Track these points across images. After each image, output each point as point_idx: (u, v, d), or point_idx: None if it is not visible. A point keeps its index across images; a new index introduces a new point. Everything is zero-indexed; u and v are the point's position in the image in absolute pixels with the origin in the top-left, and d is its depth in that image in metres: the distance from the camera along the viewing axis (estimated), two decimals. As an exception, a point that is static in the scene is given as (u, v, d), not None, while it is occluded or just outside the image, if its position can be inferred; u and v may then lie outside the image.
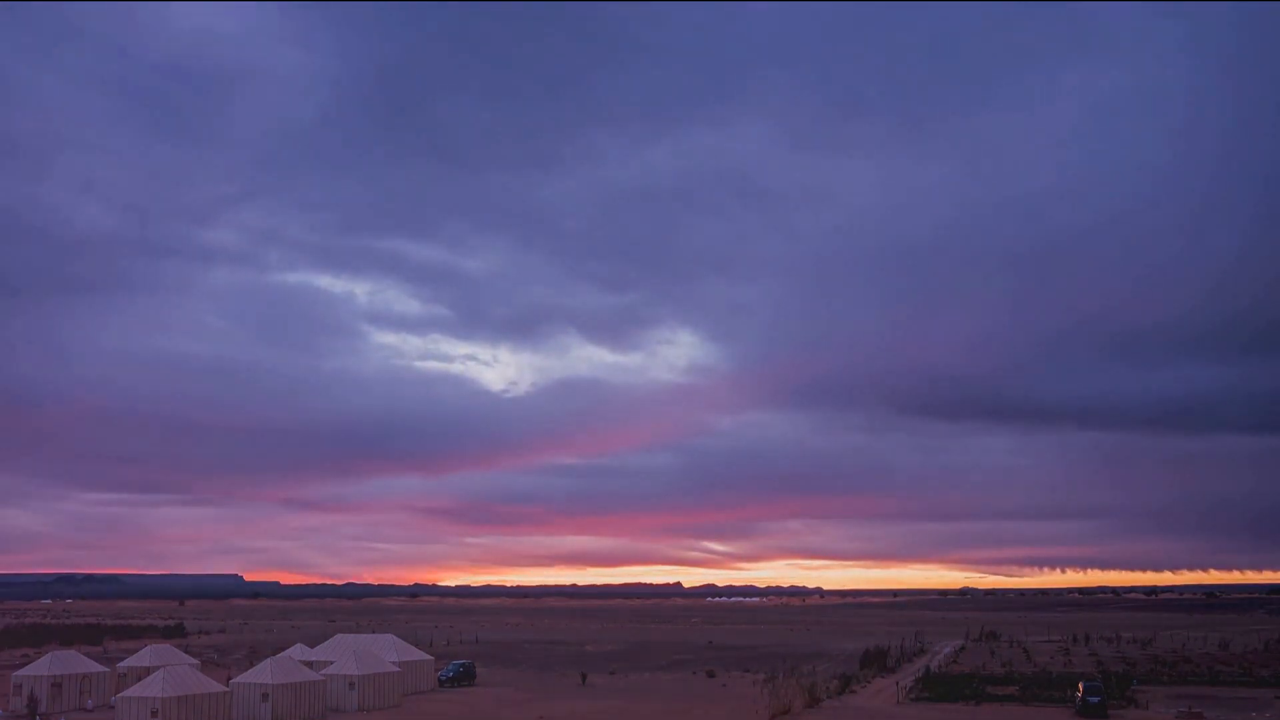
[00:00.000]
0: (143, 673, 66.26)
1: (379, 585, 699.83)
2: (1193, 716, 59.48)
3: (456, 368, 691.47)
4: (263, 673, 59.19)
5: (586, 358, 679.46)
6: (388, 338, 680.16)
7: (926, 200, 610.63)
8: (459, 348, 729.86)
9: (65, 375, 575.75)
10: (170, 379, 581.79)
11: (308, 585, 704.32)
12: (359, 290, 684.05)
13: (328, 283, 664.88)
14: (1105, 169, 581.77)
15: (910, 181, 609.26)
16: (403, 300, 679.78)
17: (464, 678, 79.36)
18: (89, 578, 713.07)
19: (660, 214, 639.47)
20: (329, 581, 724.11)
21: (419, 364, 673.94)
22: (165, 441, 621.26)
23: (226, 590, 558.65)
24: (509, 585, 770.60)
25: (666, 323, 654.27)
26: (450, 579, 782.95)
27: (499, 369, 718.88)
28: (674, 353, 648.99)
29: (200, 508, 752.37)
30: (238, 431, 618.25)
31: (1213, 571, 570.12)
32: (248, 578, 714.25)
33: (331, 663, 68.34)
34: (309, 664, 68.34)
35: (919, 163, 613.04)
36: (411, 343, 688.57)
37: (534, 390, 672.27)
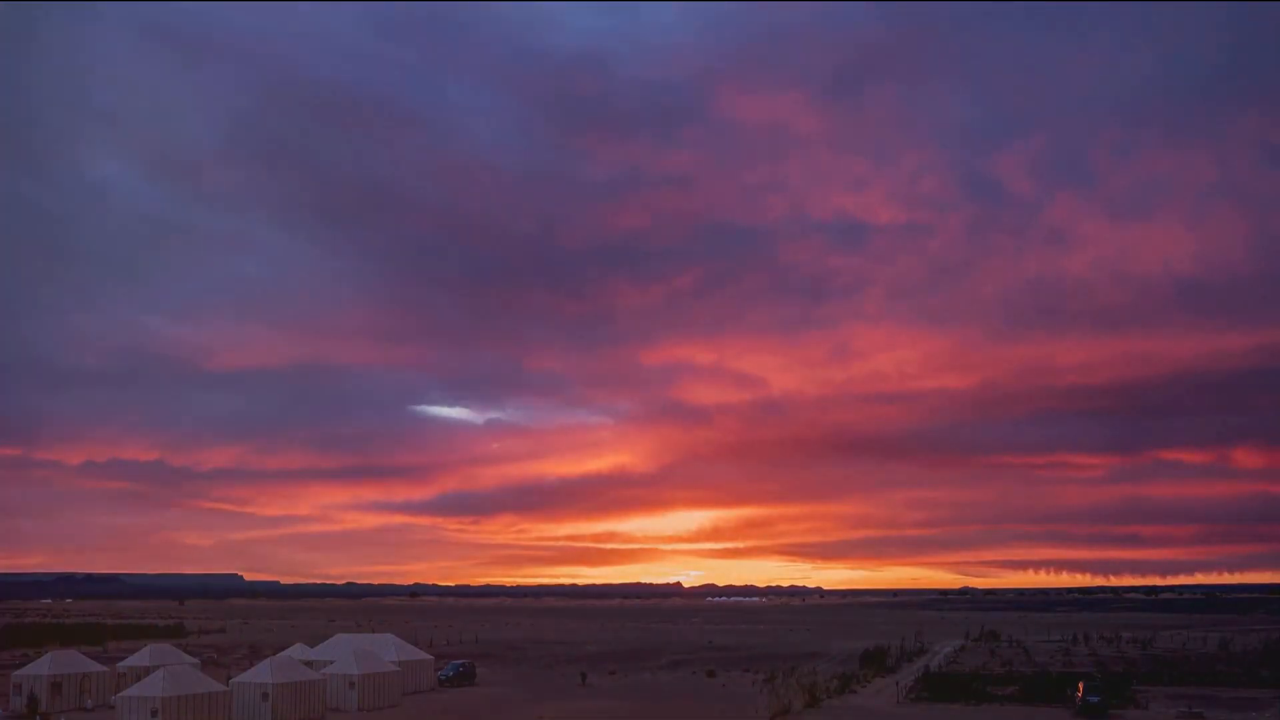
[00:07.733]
0: (143, 672, 66.15)
1: (379, 585, 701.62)
2: (1193, 717, 59.56)
3: (448, 412, 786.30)
4: (263, 672, 59.13)
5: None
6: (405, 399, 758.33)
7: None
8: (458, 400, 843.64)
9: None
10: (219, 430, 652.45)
11: (308, 585, 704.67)
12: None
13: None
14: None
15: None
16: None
17: (464, 678, 79.29)
18: (89, 577, 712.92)
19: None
20: (329, 581, 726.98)
21: (422, 408, 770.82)
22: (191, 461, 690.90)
23: (226, 590, 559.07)
24: (509, 585, 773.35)
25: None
26: (450, 579, 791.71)
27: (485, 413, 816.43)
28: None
29: (208, 512, 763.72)
30: (264, 457, 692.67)
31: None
32: (248, 578, 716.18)
33: (331, 662, 68.27)
34: (309, 664, 68.23)
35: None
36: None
37: (515, 425, 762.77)
